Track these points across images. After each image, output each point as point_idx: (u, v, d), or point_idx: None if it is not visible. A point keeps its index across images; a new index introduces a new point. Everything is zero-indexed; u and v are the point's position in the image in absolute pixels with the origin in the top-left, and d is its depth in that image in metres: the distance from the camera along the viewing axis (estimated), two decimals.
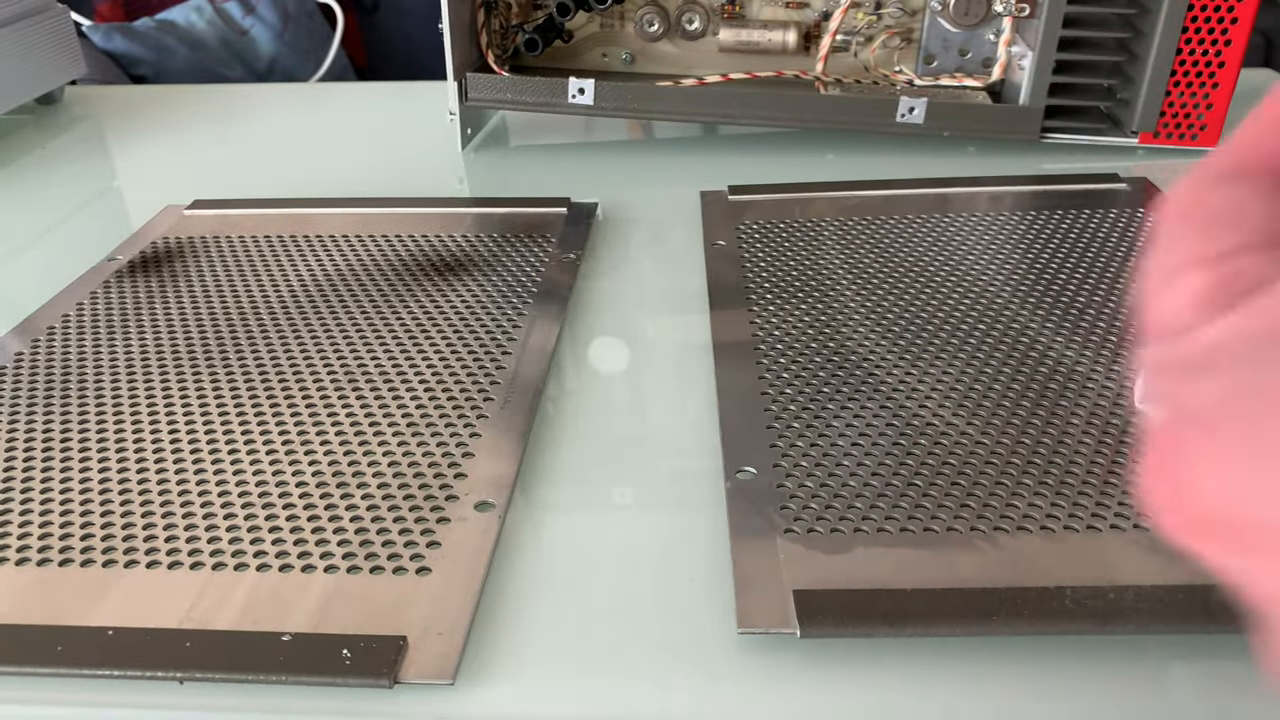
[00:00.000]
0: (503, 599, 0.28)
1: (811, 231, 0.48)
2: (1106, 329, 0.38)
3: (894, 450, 0.32)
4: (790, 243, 0.47)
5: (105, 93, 0.84)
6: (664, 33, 0.64)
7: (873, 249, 0.46)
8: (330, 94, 0.84)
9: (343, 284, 0.45)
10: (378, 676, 0.24)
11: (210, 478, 0.32)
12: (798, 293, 0.42)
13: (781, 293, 0.42)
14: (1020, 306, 0.40)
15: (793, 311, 0.41)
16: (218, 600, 0.27)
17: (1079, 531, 0.28)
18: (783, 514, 0.29)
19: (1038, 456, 0.31)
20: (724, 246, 0.47)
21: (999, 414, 0.33)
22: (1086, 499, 0.29)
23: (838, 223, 0.49)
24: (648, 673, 0.26)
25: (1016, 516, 0.29)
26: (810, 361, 0.37)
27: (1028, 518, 0.29)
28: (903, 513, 0.29)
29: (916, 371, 0.36)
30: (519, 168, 0.62)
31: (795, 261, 0.45)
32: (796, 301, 0.41)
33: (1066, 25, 0.54)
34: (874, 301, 0.41)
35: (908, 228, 0.48)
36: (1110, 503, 0.29)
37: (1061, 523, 0.28)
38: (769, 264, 0.45)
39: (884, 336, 0.39)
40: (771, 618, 0.25)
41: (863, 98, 0.59)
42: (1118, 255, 0.44)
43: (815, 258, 0.45)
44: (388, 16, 1.61)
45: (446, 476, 0.32)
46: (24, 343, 0.41)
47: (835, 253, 0.46)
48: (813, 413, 0.34)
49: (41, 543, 0.30)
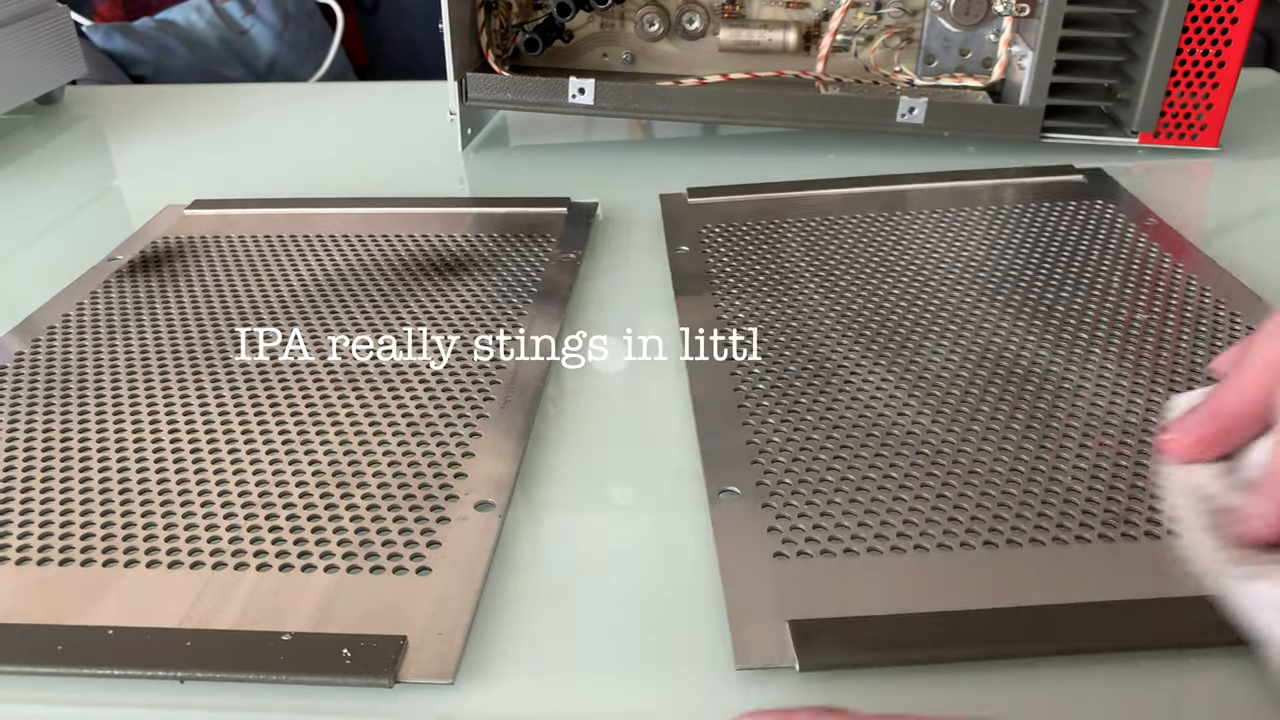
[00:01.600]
0: (503, 599, 0.28)
1: (774, 232, 0.48)
2: (1076, 325, 0.38)
3: (876, 463, 0.31)
4: (754, 243, 0.47)
5: (105, 93, 0.84)
6: (664, 33, 0.64)
7: (838, 248, 0.46)
8: (330, 94, 0.84)
9: (342, 284, 0.45)
10: (378, 676, 0.24)
11: (210, 477, 0.32)
12: (767, 296, 0.42)
13: (751, 297, 0.42)
14: (990, 305, 0.40)
15: (764, 316, 0.40)
16: (218, 600, 0.27)
17: (1068, 544, 0.28)
18: (771, 535, 0.29)
19: (1020, 464, 0.31)
20: (686, 252, 0.46)
21: (978, 419, 0.33)
22: (1073, 508, 0.29)
23: (800, 223, 0.48)
24: (645, 672, 0.26)
25: (1005, 529, 0.28)
26: (785, 371, 0.36)
27: (1016, 529, 0.28)
28: (891, 530, 0.29)
29: (893, 378, 0.36)
30: (519, 168, 0.62)
31: (759, 261, 0.45)
32: (768, 306, 0.41)
33: (1067, 25, 0.54)
34: (844, 304, 0.41)
35: (870, 226, 0.48)
36: (1097, 510, 0.29)
37: (1050, 534, 0.28)
38: (734, 266, 0.44)
39: (856, 341, 0.38)
40: (769, 653, 0.25)
41: (863, 97, 0.59)
42: (1080, 248, 0.44)
43: (779, 259, 0.45)
44: (388, 16, 1.61)
45: (447, 476, 0.32)
46: (24, 342, 0.41)
47: (799, 253, 0.45)
48: (792, 425, 0.33)
49: (42, 542, 0.30)
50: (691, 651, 0.26)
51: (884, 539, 0.28)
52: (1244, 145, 0.57)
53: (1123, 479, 0.30)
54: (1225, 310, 0.39)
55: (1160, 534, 0.28)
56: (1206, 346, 0.36)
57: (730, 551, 0.28)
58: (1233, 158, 0.56)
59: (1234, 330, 0.37)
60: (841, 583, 0.26)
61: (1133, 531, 0.28)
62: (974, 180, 0.53)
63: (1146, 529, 0.28)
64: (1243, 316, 0.38)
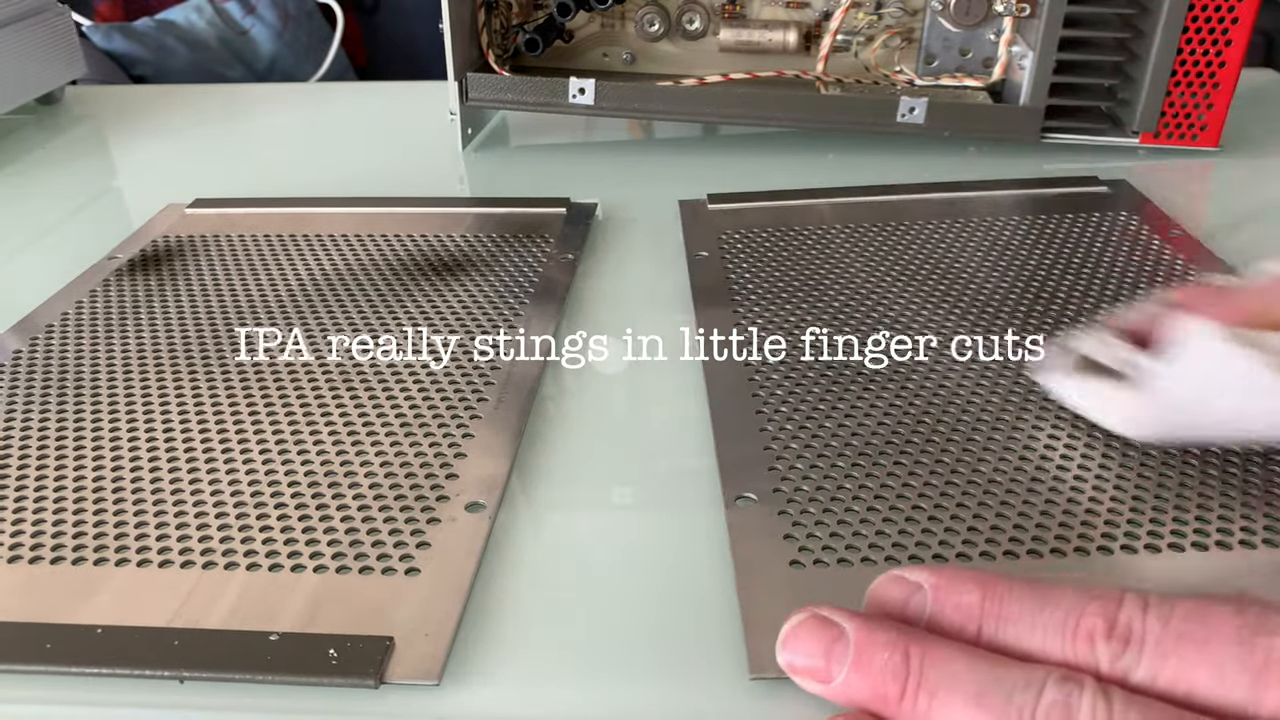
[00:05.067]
0: (491, 600, 0.28)
1: (795, 239, 0.47)
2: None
3: (895, 470, 0.31)
4: (773, 250, 0.46)
5: (105, 93, 0.84)
6: (664, 33, 0.64)
7: (858, 256, 0.45)
8: (330, 94, 0.84)
9: (340, 284, 0.45)
10: (363, 677, 0.24)
11: (203, 476, 0.32)
12: (786, 303, 0.41)
13: (770, 304, 0.41)
14: (1012, 314, 0.40)
15: (783, 323, 0.40)
16: (207, 599, 0.27)
17: (1089, 554, 0.28)
18: (787, 543, 0.28)
19: (1041, 473, 0.31)
20: (706, 257, 0.46)
21: (999, 429, 0.33)
22: (1095, 518, 0.29)
23: (820, 230, 0.48)
24: (636, 674, 0.26)
25: (1025, 539, 0.28)
26: (803, 377, 0.36)
27: (1037, 539, 0.28)
28: (909, 538, 0.28)
29: (912, 385, 0.35)
30: (519, 168, 0.62)
31: (779, 269, 0.44)
32: (786, 312, 0.41)
33: (1067, 25, 0.54)
34: (864, 311, 0.41)
35: (892, 235, 0.47)
36: (1119, 521, 0.29)
37: (1073, 545, 0.28)
38: (753, 273, 0.44)
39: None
40: None
41: (863, 98, 0.58)
42: (1105, 259, 0.44)
43: (800, 265, 0.45)
44: (388, 16, 1.61)
45: (438, 477, 0.32)
46: (23, 341, 0.41)
47: (819, 260, 0.45)
48: (810, 432, 0.33)
49: (34, 540, 0.30)
50: (696, 658, 0.26)
51: (902, 548, 0.28)
52: (1244, 145, 0.57)
53: (1146, 489, 0.30)
54: None
55: (1186, 546, 0.28)
56: None
57: (746, 558, 0.28)
58: (1233, 158, 0.56)
59: None
60: (859, 592, 0.25)
61: (1157, 543, 0.28)
62: (999, 190, 0.52)
63: (1171, 540, 0.28)
64: None
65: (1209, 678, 0.19)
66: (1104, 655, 0.20)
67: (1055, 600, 0.21)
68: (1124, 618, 0.20)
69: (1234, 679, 0.19)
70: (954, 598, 0.22)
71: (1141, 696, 0.19)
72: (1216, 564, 0.27)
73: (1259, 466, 0.30)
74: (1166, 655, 0.20)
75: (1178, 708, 0.19)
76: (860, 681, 0.21)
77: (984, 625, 0.22)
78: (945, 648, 0.21)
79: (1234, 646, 0.19)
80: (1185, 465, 0.30)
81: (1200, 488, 0.30)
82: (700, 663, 0.26)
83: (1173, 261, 0.43)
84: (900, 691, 0.21)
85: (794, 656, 0.22)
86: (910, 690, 0.21)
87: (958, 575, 0.23)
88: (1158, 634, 0.20)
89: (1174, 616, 0.20)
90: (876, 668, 0.21)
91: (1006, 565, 0.27)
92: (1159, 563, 0.27)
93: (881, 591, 0.23)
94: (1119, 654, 0.20)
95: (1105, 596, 0.21)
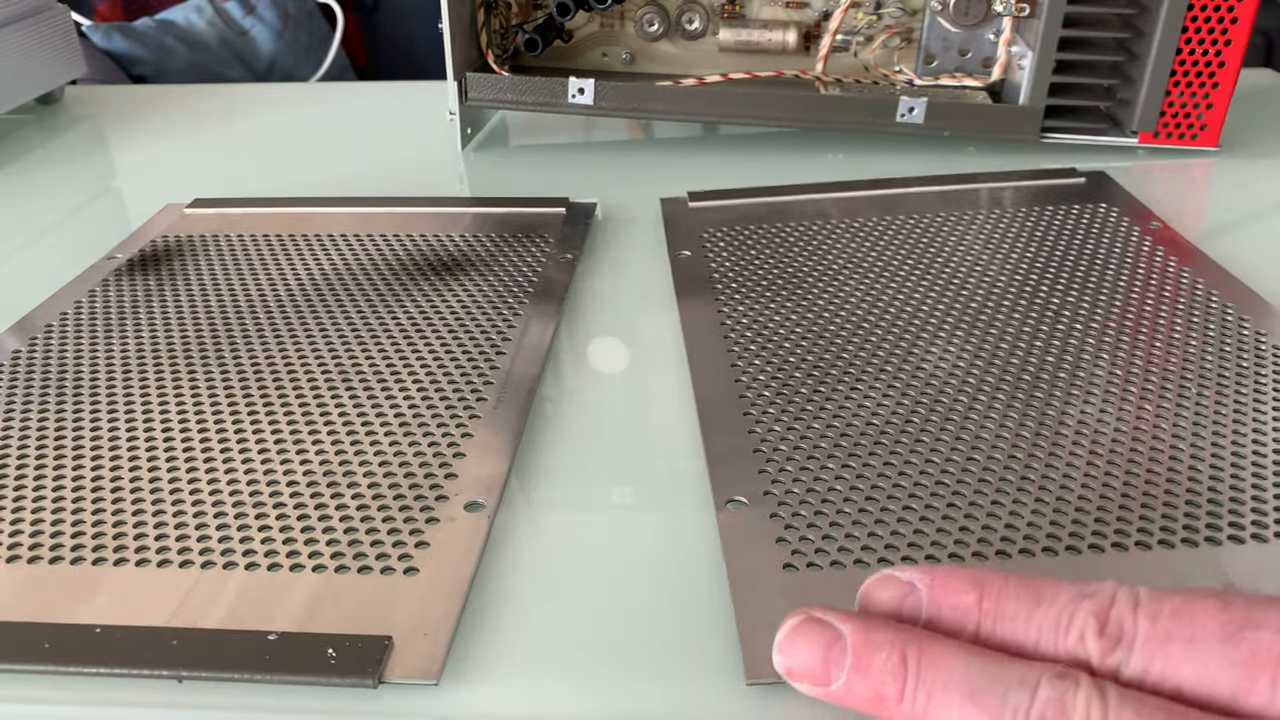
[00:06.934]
0: (490, 600, 0.28)
1: (776, 236, 0.47)
2: (1084, 330, 0.38)
3: (885, 471, 0.31)
4: (756, 247, 0.46)
5: (105, 93, 0.84)
6: (664, 33, 0.64)
7: (840, 252, 0.45)
8: (330, 94, 0.84)
9: (339, 284, 0.45)
10: (362, 676, 0.24)
11: (202, 476, 0.32)
12: (770, 301, 0.41)
13: (755, 302, 0.41)
14: (995, 309, 0.40)
15: (768, 323, 0.40)
16: (206, 599, 0.27)
17: (1081, 552, 0.28)
18: (780, 547, 0.28)
19: (1031, 471, 0.31)
20: (688, 256, 0.46)
21: (988, 426, 0.33)
22: (1085, 516, 0.29)
23: (802, 226, 0.48)
24: (635, 674, 0.26)
25: (1017, 538, 0.28)
26: (790, 377, 0.36)
27: (1028, 538, 0.28)
28: (902, 539, 0.28)
29: (899, 384, 0.35)
30: (519, 168, 0.62)
31: (762, 266, 0.44)
32: (771, 311, 0.41)
33: (1066, 25, 0.54)
34: (848, 309, 0.40)
35: (873, 230, 0.47)
36: (1109, 519, 0.29)
37: (1063, 543, 0.28)
38: (736, 271, 0.44)
39: (862, 347, 0.38)
40: None
41: (863, 98, 0.58)
42: (1085, 251, 0.44)
43: (783, 263, 0.45)
44: (388, 16, 1.61)
45: (437, 476, 0.32)
46: (22, 340, 0.41)
47: (802, 257, 0.45)
48: (798, 433, 0.33)
49: (33, 540, 0.30)
50: (695, 659, 0.26)
51: (894, 549, 0.28)
52: (1244, 145, 0.57)
53: (1134, 486, 0.30)
54: (1233, 314, 0.38)
55: (1175, 543, 0.28)
56: (1216, 350, 0.36)
57: (739, 563, 0.28)
58: (1233, 158, 0.56)
59: (1242, 334, 0.37)
60: (852, 594, 0.25)
61: (1147, 540, 0.28)
62: (977, 184, 0.52)
63: (1161, 537, 0.28)
64: (1250, 321, 0.38)
65: (1195, 674, 0.19)
66: (1095, 652, 0.20)
67: (1050, 598, 0.21)
68: (1114, 615, 0.21)
69: (1220, 673, 0.19)
70: (951, 598, 0.22)
71: (1135, 691, 0.19)
72: (1206, 559, 0.27)
73: (1247, 464, 0.30)
74: (1154, 653, 0.20)
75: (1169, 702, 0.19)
76: (861, 683, 0.21)
77: (981, 624, 0.22)
78: (942, 647, 0.21)
79: (1219, 643, 0.19)
80: (1173, 463, 0.31)
81: (1189, 485, 0.30)
82: (698, 664, 0.26)
83: (1153, 252, 0.44)
84: (899, 692, 0.21)
85: (791, 660, 0.22)
86: (908, 690, 0.21)
87: (952, 574, 0.23)
88: (1146, 632, 0.20)
89: (1162, 614, 0.20)
90: (876, 669, 0.21)
91: (999, 565, 0.27)
92: (1149, 559, 0.27)
93: (874, 592, 0.23)
94: (1110, 651, 0.20)
95: (1098, 595, 0.21)
